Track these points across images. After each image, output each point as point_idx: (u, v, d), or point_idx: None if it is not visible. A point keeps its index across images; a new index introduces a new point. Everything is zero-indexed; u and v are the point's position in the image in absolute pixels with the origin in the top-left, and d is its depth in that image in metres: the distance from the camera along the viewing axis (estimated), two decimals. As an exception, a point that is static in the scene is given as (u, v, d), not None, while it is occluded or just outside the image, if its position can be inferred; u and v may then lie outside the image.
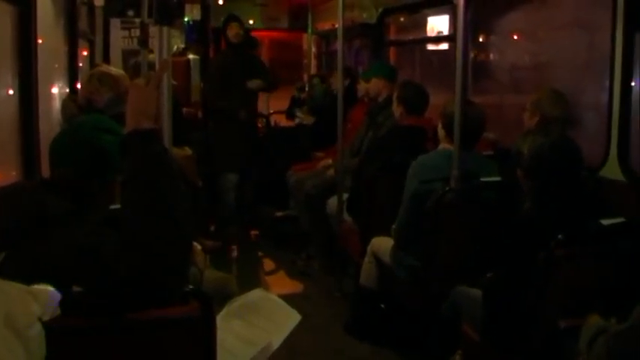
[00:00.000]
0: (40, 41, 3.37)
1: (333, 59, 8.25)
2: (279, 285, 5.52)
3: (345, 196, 5.01)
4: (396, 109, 4.74)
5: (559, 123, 3.73)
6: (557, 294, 2.67)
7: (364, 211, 4.57)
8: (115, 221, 1.80)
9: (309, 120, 7.20)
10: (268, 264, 6.18)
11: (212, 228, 6.50)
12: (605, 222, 2.70)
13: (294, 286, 5.51)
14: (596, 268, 2.72)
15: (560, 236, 2.61)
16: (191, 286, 1.86)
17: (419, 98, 4.72)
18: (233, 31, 6.35)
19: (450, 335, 3.35)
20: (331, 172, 5.75)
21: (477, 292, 3.10)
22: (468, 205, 3.56)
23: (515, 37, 5.44)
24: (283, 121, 8.16)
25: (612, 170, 3.68)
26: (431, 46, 6.98)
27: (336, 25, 5.29)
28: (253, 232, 6.79)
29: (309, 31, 8.11)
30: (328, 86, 7.88)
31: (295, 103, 8.05)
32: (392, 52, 7.34)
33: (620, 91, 3.61)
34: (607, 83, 3.71)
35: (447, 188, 3.53)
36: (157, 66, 1.96)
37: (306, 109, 7.76)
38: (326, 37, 8.43)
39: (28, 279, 1.53)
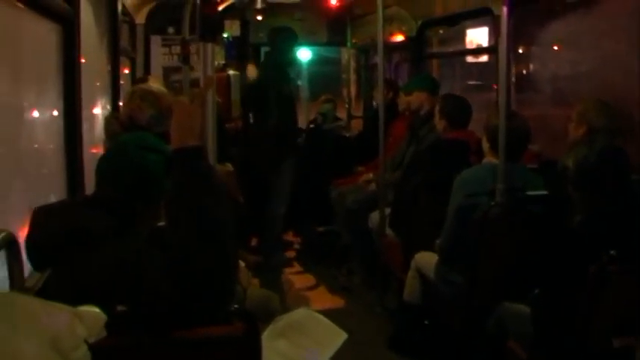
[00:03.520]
0: (83, 59, 3.40)
1: (372, 73, 8.21)
2: (321, 300, 5.48)
3: (387, 210, 4.97)
4: (439, 123, 4.70)
5: (605, 133, 3.64)
6: (610, 311, 2.60)
7: (406, 226, 4.53)
8: (159, 239, 1.79)
9: (349, 132, 7.15)
10: (309, 279, 6.14)
11: (253, 242, 6.49)
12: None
13: (335, 302, 5.47)
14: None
15: (612, 251, 2.54)
16: (236, 306, 1.83)
17: (462, 111, 4.68)
18: None
19: (495, 353, 3.28)
20: (373, 186, 5.72)
21: (524, 309, 3.03)
22: (513, 219, 3.49)
23: (558, 47, 5.36)
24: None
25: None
26: (468, 59, 6.94)
27: (376, 39, 5.26)
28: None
29: (348, 45, 8.10)
30: (368, 100, 7.85)
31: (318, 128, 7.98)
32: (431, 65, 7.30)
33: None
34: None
35: (493, 202, 3.47)
36: (202, 83, 1.95)
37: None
38: (365, 51, 8.40)
39: (73, 298, 1.52)
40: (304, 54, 9.26)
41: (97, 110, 4.56)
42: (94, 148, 4.05)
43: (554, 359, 2.80)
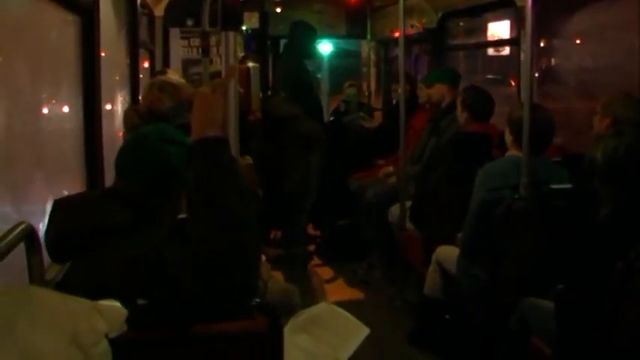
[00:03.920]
0: (102, 52, 3.38)
1: (391, 66, 8.16)
2: (340, 294, 5.45)
3: (408, 204, 4.93)
4: (461, 115, 4.65)
5: (632, 125, 3.58)
6: (637, 307, 2.54)
7: (427, 220, 4.49)
8: (180, 232, 1.76)
9: (370, 123, 7.09)
10: (329, 273, 6.11)
11: (272, 235, 6.48)
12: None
13: (355, 296, 5.44)
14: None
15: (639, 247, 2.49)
16: (258, 300, 1.80)
17: (484, 103, 4.63)
18: None
19: (517, 349, 3.24)
20: (393, 179, 5.69)
21: (547, 304, 2.98)
22: (538, 213, 3.44)
23: (582, 39, 5.29)
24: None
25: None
26: (488, 52, 6.86)
27: (396, 32, 5.22)
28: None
29: (368, 37, 8.05)
30: (386, 93, 7.79)
31: (339, 114, 7.90)
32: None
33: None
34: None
35: (516, 196, 3.42)
36: (223, 73, 1.92)
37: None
38: (385, 44, 8.34)
39: (93, 291, 1.50)
40: (325, 47, 9.23)
41: (117, 103, 4.55)
42: (113, 141, 4.04)
43: (578, 356, 2.75)
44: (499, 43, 6.42)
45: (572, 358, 2.80)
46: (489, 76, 6.94)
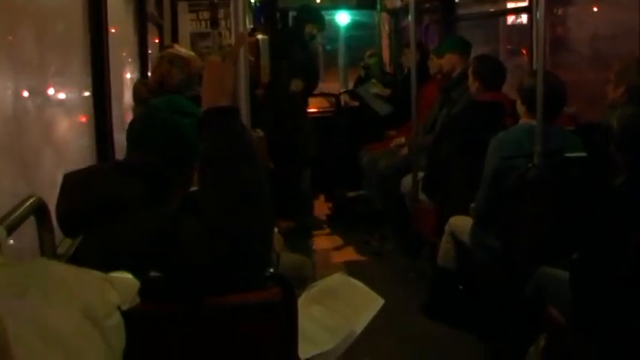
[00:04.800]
0: (110, 26, 3.35)
1: (402, 36, 8.08)
2: (353, 266, 5.45)
3: (420, 174, 4.91)
4: (472, 85, 4.61)
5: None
6: (654, 275, 2.52)
7: (440, 190, 4.48)
8: (193, 204, 1.74)
9: (385, 92, 7.04)
10: (341, 245, 6.10)
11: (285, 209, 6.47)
12: None
13: (367, 268, 5.43)
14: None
15: (657, 214, 2.46)
16: (271, 270, 1.79)
17: (496, 72, 4.58)
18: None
19: (533, 318, 3.22)
20: (405, 150, 5.67)
21: (563, 273, 2.95)
22: (552, 182, 3.41)
23: (595, 7, 5.22)
24: (350, 101, 8.04)
25: None
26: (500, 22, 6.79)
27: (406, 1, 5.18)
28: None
29: (378, 8, 7.97)
30: (397, 64, 7.72)
31: (361, 82, 7.88)
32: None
33: None
34: None
35: (530, 165, 3.40)
36: (234, 40, 1.89)
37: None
38: (395, 14, 8.25)
39: (105, 265, 1.49)
40: (342, 19, 9.21)
41: (126, 77, 4.53)
42: (122, 115, 4.03)
43: (594, 325, 2.72)
44: (511, 11, 6.36)
45: (588, 328, 2.78)
46: (505, 46, 6.87)
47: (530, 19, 5.50)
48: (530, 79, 3.60)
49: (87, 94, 3.20)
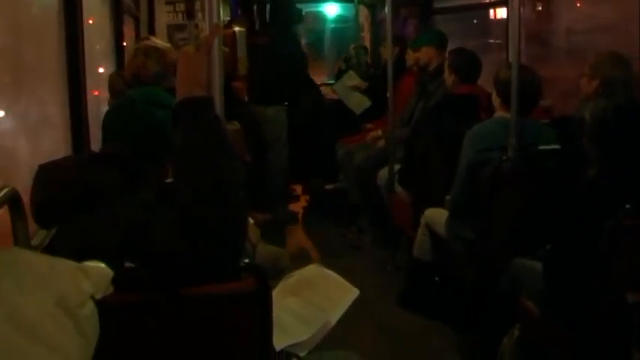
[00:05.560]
0: (85, 17, 3.33)
1: (379, 29, 8.09)
2: (330, 258, 5.45)
3: (397, 167, 4.93)
4: (448, 78, 4.64)
5: (621, 85, 3.57)
6: (625, 266, 2.56)
7: (416, 183, 4.50)
8: (169, 196, 1.74)
9: (363, 85, 7.05)
10: (318, 237, 6.11)
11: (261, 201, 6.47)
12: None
13: (345, 260, 5.42)
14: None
15: (628, 205, 2.49)
16: (246, 261, 1.79)
17: (472, 66, 4.62)
18: None
19: (507, 309, 3.25)
20: (381, 143, 5.69)
21: (536, 265, 2.99)
22: (526, 174, 3.45)
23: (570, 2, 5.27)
24: (331, 94, 8.05)
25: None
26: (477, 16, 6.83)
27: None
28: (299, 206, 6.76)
29: (356, 1, 7.98)
30: (376, 56, 7.74)
31: (341, 74, 7.90)
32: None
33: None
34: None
35: (505, 157, 3.43)
36: (208, 30, 1.88)
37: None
38: (372, 7, 8.26)
39: (79, 255, 1.49)
40: (329, 11, 9.26)
41: (101, 69, 4.50)
42: (98, 106, 4.00)
43: (567, 316, 2.76)
44: (487, 5, 6.39)
45: (560, 319, 2.82)
46: (481, 41, 6.90)
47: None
48: (506, 73, 3.62)
49: (62, 85, 3.17)
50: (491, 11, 6.65)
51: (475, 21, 6.97)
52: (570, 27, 5.25)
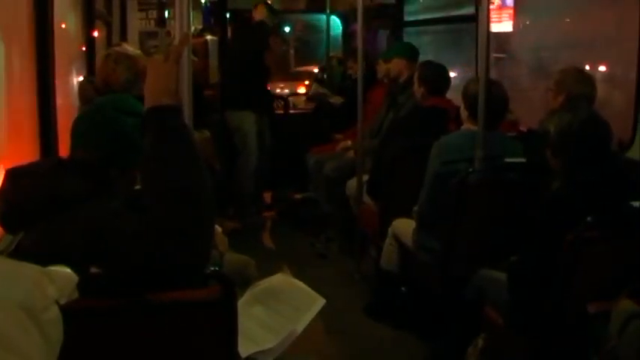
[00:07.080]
0: (57, 23, 3.31)
1: (350, 40, 8.14)
2: (298, 267, 5.46)
3: (365, 177, 4.96)
4: (418, 90, 4.68)
5: (585, 100, 3.64)
6: (586, 277, 2.61)
7: (384, 193, 4.52)
8: (136, 203, 1.75)
9: (337, 100, 7.09)
10: (286, 246, 6.11)
11: (230, 210, 6.46)
12: (636, 204, 2.63)
13: (313, 269, 5.42)
14: (626, 251, 2.64)
15: (589, 218, 2.54)
16: (213, 268, 1.80)
17: (440, 78, 4.67)
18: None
19: (472, 319, 3.29)
20: (350, 153, 5.71)
21: (501, 275, 3.03)
22: (491, 186, 3.50)
23: (538, 15, 5.34)
24: (302, 104, 8.07)
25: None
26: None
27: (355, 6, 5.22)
28: (269, 214, 6.75)
29: (327, 11, 8.02)
30: (346, 68, 7.78)
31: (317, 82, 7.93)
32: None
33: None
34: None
35: (471, 169, 3.47)
36: (177, 40, 1.90)
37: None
38: (344, 18, 8.31)
39: (45, 260, 1.49)
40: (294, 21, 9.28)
41: (72, 75, 4.47)
42: (67, 112, 3.97)
43: (529, 325, 2.80)
44: (457, 19, 6.46)
45: (522, 328, 2.86)
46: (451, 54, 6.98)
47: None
48: (474, 86, 3.66)
49: (31, 91, 3.16)
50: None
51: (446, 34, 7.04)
52: (538, 43, 5.33)
